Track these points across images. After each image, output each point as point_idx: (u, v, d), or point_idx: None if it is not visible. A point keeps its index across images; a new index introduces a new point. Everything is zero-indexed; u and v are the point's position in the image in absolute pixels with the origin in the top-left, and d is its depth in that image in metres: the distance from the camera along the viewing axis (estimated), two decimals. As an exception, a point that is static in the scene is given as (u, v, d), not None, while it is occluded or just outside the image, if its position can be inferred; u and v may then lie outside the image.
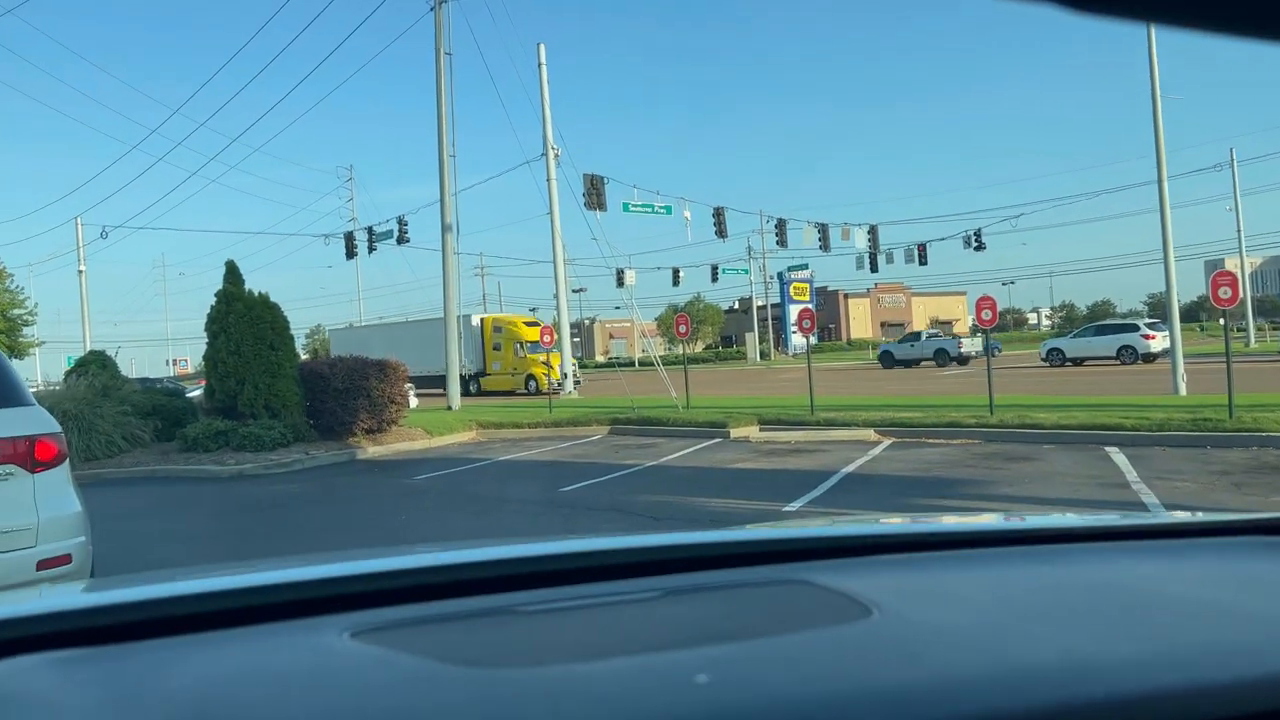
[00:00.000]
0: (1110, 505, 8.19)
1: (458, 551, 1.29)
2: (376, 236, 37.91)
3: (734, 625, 0.94)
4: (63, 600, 1.16)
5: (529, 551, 1.29)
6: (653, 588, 1.09)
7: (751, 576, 1.14)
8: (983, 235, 42.78)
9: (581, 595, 1.06)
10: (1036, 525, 1.67)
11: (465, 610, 1.00)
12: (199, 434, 15.70)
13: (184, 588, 1.11)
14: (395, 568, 1.22)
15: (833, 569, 1.17)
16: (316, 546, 8.44)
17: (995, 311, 14.84)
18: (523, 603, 1.03)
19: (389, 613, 0.99)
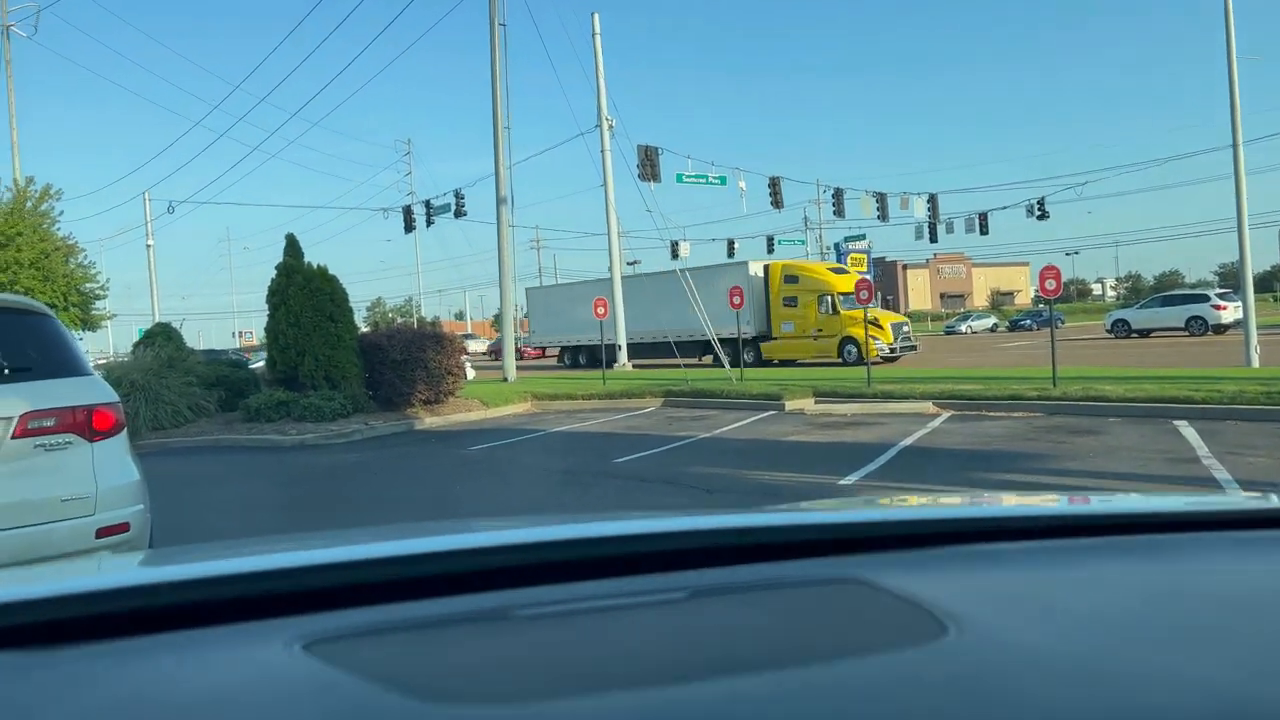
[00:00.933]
0: (1180, 482, 7.94)
1: (452, 536, 1.11)
2: (434, 210, 38.15)
3: (772, 644, 0.78)
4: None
5: (533, 537, 1.10)
6: (677, 585, 0.92)
7: (797, 573, 0.97)
8: (1046, 204, 41.69)
9: (590, 595, 0.89)
10: (1132, 509, 1.37)
11: (448, 614, 0.84)
12: (261, 404, 16.02)
13: (137, 576, 1.00)
14: (374, 556, 1.03)
15: (896, 564, 1.00)
16: (373, 516, 8.56)
17: (1060, 281, 14.45)
18: (518, 604, 0.86)
19: (356, 615, 0.83)
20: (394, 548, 1.09)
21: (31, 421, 4.47)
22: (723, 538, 1.12)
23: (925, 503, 1.78)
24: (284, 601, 0.86)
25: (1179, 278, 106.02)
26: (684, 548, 1.05)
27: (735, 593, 0.91)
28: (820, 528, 1.21)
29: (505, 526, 1.21)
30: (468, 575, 0.94)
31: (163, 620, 0.83)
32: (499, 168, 25.79)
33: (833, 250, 71.07)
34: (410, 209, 40.83)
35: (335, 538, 1.44)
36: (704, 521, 1.21)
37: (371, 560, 0.99)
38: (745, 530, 1.15)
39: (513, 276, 27.46)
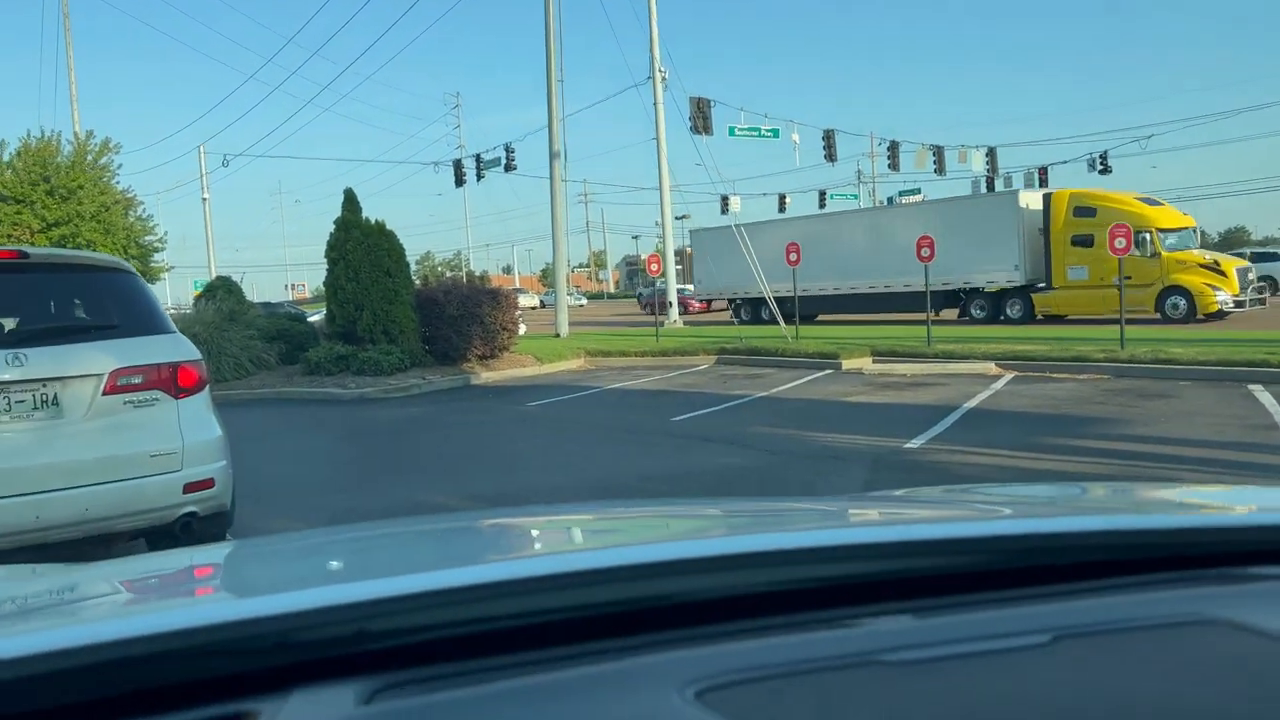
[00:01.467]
0: (1260, 450, 7.72)
1: (757, 535, 0.97)
2: (484, 164, 38.13)
3: None
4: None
5: (857, 538, 0.95)
6: (1032, 626, 0.78)
7: (1143, 608, 0.82)
8: (1109, 158, 40.52)
9: (950, 636, 0.76)
10: None
11: (815, 656, 0.72)
12: (321, 358, 16.24)
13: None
14: (693, 555, 0.88)
15: (1263, 596, 0.83)
16: (446, 472, 8.65)
17: (1130, 240, 14.02)
18: (879, 647, 0.74)
19: (735, 655, 0.72)
20: (708, 547, 0.97)
21: (121, 379, 4.55)
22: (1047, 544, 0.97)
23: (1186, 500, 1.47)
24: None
25: (1245, 235, 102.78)
26: (1054, 561, 0.91)
27: (1098, 636, 0.77)
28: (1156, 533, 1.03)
29: (732, 518, 1.07)
30: (778, 594, 0.84)
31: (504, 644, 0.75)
32: (552, 122, 25.64)
33: (886, 204, 69.94)
34: (460, 163, 40.85)
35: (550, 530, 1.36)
36: (1019, 525, 1.06)
37: (692, 560, 0.88)
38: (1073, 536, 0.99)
39: (565, 231, 27.41)
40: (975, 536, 1.01)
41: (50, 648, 0.70)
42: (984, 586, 0.89)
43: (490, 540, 1.44)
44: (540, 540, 1.41)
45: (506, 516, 1.94)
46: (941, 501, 1.62)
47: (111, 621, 0.85)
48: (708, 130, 29.51)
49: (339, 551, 1.41)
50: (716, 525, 1.38)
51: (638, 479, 7.68)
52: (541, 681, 0.71)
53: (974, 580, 0.89)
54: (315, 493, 7.76)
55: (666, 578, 0.85)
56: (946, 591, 0.87)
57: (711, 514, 1.52)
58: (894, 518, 1.25)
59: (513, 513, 2.39)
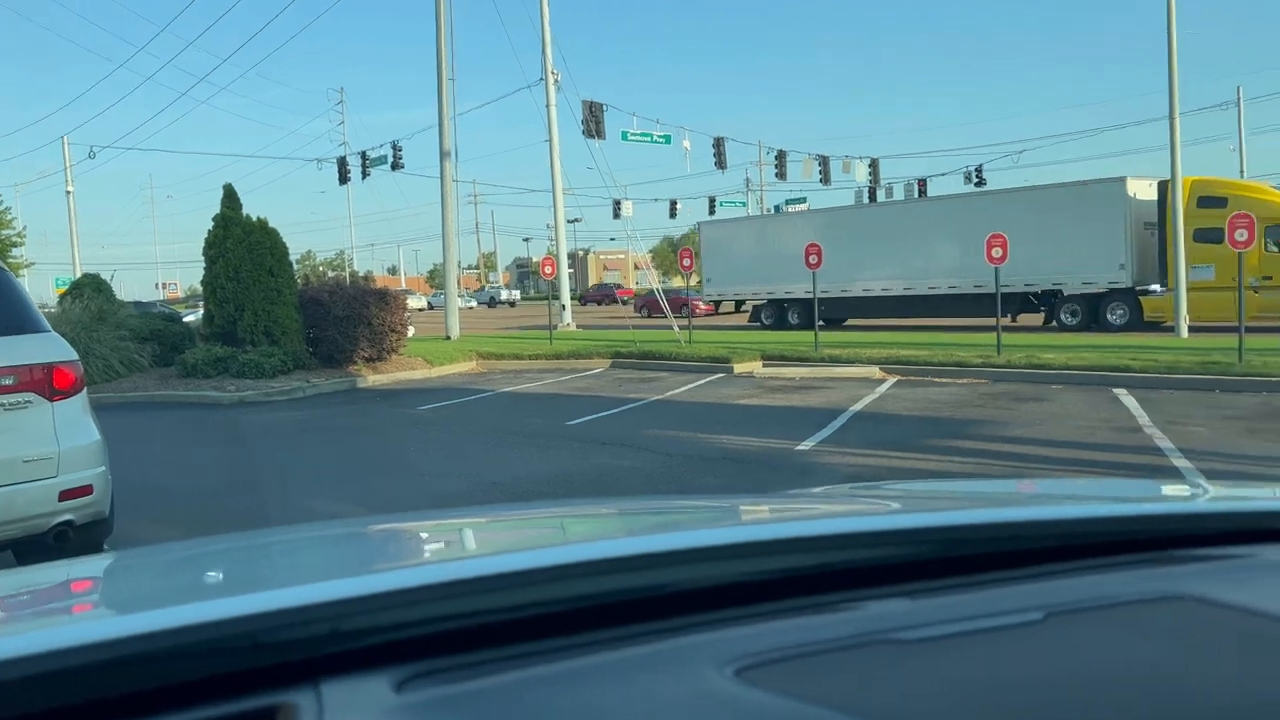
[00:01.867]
0: (1126, 450, 8.17)
1: (764, 525, 1.05)
2: (370, 162, 37.37)
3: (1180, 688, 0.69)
4: None
5: (860, 526, 1.01)
6: (1030, 603, 0.85)
7: (1121, 587, 0.90)
8: (984, 171, 42.39)
9: (952, 614, 0.82)
10: None
11: (839, 635, 0.78)
12: (199, 360, 15.58)
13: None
14: (724, 542, 0.92)
15: (1223, 575, 0.92)
16: (329, 480, 8.39)
17: (1005, 249, 14.68)
18: (892, 626, 0.79)
19: (773, 634, 0.77)
20: (730, 534, 1.01)
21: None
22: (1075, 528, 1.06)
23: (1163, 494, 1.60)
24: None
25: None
26: (1039, 545, 0.99)
27: (1087, 613, 0.84)
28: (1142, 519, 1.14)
29: (724, 511, 1.13)
30: (798, 576, 0.89)
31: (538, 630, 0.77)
32: (443, 120, 25.25)
33: (773, 213, 71.41)
34: (345, 160, 39.89)
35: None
36: (1045, 512, 1.15)
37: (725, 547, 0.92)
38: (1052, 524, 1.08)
39: (455, 231, 27.02)
40: (970, 524, 1.07)
41: (90, 640, 0.69)
42: (969, 570, 0.95)
43: (496, 534, 1.45)
44: (553, 532, 1.43)
45: (495, 512, 1.96)
46: (880, 497, 1.67)
47: (130, 617, 0.82)
48: (600, 134, 29.55)
49: (323, 546, 1.39)
50: (711, 517, 1.40)
51: (537, 483, 7.61)
52: (579, 665, 0.73)
53: (965, 565, 0.96)
54: (195, 499, 7.42)
55: (695, 564, 0.89)
56: (942, 575, 0.93)
57: (692, 507, 1.54)
58: (893, 509, 1.32)
59: (497, 509, 2.42)
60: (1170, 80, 18.03)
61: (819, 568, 0.92)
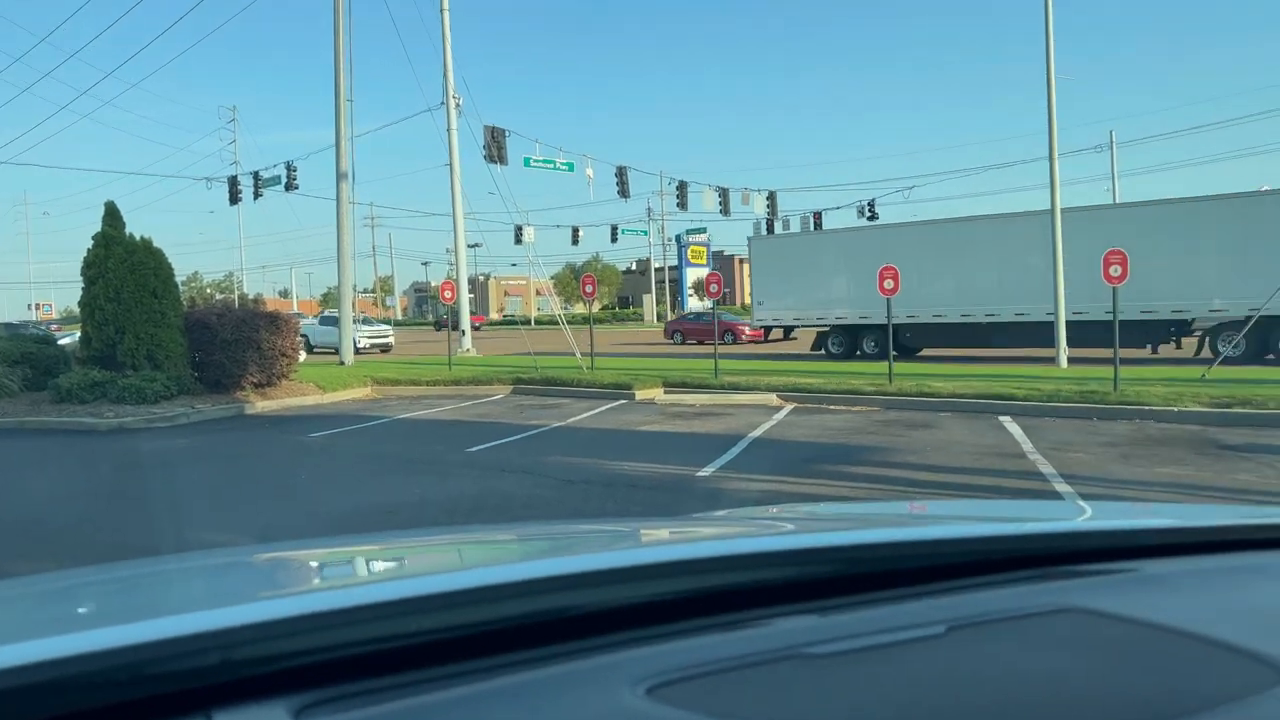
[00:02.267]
0: (1014, 477, 8.47)
1: (664, 547, 1.08)
2: (264, 182, 36.38)
3: (1066, 694, 0.72)
4: None
5: (778, 546, 1.03)
6: (932, 618, 0.88)
7: (1013, 602, 0.93)
8: (876, 205, 43.75)
9: (861, 629, 0.84)
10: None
11: (749, 652, 0.78)
12: (74, 384, 14.80)
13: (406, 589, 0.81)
14: (622, 565, 0.93)
15: (1109, 589, 0.97)
16: (214, 510, 8.04)
17: (897, 282, 15.15)
18: (804, 641, 0.80)
19: (682, 653, 0.76)
20: (627, 557, 1.00)
21: None
22: (974, 547, 1.09)
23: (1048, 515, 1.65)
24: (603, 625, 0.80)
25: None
26: (941, 562, 1.03)
27: (985, 625, 0.88)
28: (1034, 538, 1.19)
29: (630, 535, 1.11)
30: (706, 594, 0.90)
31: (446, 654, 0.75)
32: (340, 141, 24.77)
33: (674, 242, 72.25)
34: (236, 179, 38.75)
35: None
36: (947, 531, 1.20)
37: (621, 570, 0.92)
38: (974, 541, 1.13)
39: (352, 254, 26.46)
40: (875, 543, 1.10)
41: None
42: (873, 587, 0.98)
43: (395, 560, 1.40)
44: (453, 558, 1.39)
45: (393, 539, 1.90)
46: (792, 519, 1.69)
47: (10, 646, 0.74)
48: (502, 160, 29.42)
49: (214, 575, 1.31)
50: (616, 540, 1.39)
51: (436, 510, 7.44)
52: (485, 688, 0.71)
53: (866, 582, 0.99)
54: (69, 531, 7.00)
55: (603, 586, 0.88)
56: (842, 592, 0.96)
57: (596, 531, 1.52)
58: (800, 529, 1.33)
59: (395, 535, 2.37)
60: (1050, 123, 18.97)
61: (730, 587, 0.93)
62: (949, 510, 1.97)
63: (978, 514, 1.71)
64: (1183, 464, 8.76)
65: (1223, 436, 10.21)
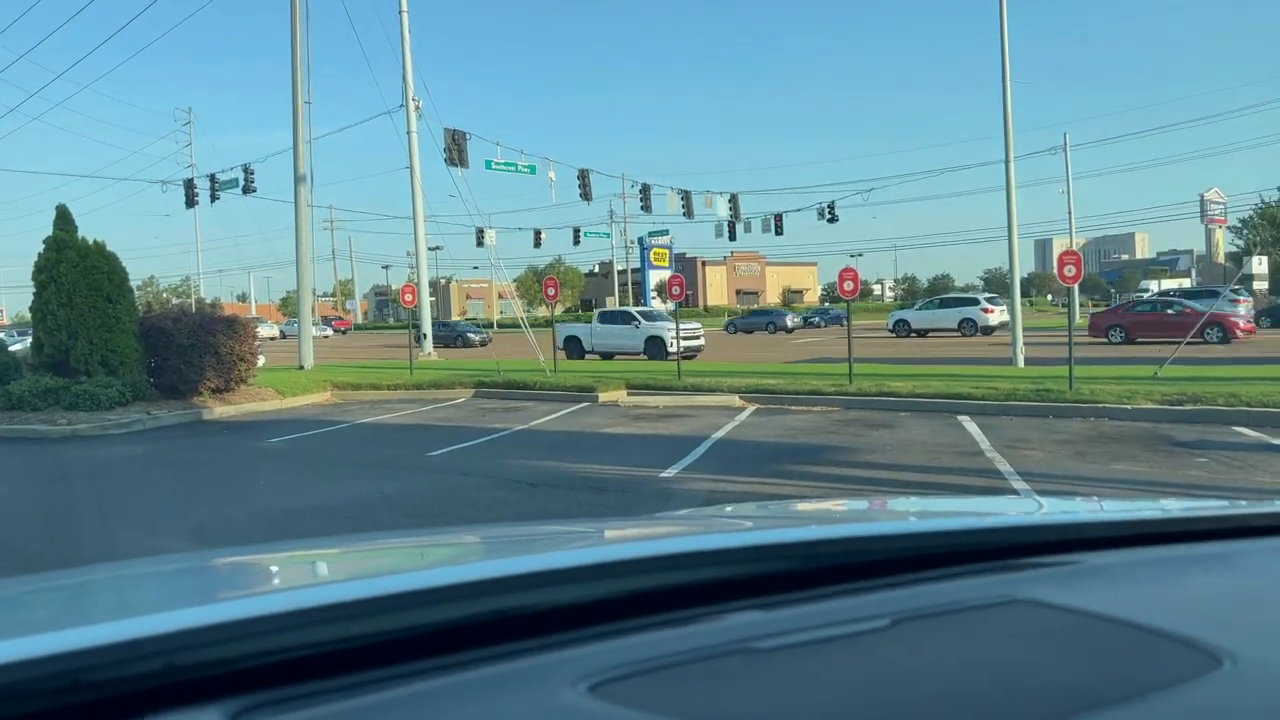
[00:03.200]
0: (971, 474, 8.59)
1: (618, 545, 1.06)
2: (220, 185, 35.84)
3: (1022, 684, 0.74)
4: None
5: (720, 544, 1.03)
6: (876, 611, 0.89)
7: (962, 593, 0.95)
8: (836, 208, 44.13)
9: (808, 623, 0.85)
10: (1213, 514, 1.35)
11: (698, 647, 0.79)
12: (25, 391, 14.49)
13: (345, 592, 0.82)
14: (581, 563, 0.93)
15: (1053, 581, 0.99)
16: (168, 517, 7.92)
17: (857, 283, 15.30)
18: (750, 635, 0.81)
19: (628, 649, 0.77)
20: (590, 555, 1.00)
21: None
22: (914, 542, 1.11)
23: (981, 510, 1.71)
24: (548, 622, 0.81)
25: (950, 281, 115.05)
26: (886, 557, 1.04)
27: (931, 618, 0.89)
28: (964, 534, 1.21)
29: (590, 535, 1.15)
30: (663, 591, 0.91)
31: (391, 654, 0.75)
32: (298, 144, 24.51)
33: (637, 244, 72.31)
34: (192, 182, 38.17)
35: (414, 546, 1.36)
36: (892, 526, 1.22)
37: (581, 569, 0.92)
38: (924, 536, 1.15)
39: (310, 257, 26.19)
40: (820, 539, 1.11)
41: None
42: (825, 582, 0.99)
43: (343, 563, 1.39)
44: (402, 559, 1.38)
45: (345, 543, 1.89)
46: (750, 516, 1.70)
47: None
48: (463, 163, 29.27)
49: (156, 580, 1.29)
50: (567, 539, 1.40)
51: (395, 515, 7.39)
52: (427, 688, 0.71)
53: (818, 577, 1.00)
54: (15, 540, 6.87)
55: (546, 586, 0.88)
56: (794, 588, 0.97)
57: (549, 531, 1.53)
58: (753, 526, 1.34)
59: (349, 539, 2.36)
60: (1005, 127, 19.26)
61: (674, 585, 0.93)
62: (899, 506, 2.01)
63: (927, 509, 1.74)
64: (1136, 460, 8.93)
65: (1174, 433, 10.43)
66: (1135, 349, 24.82)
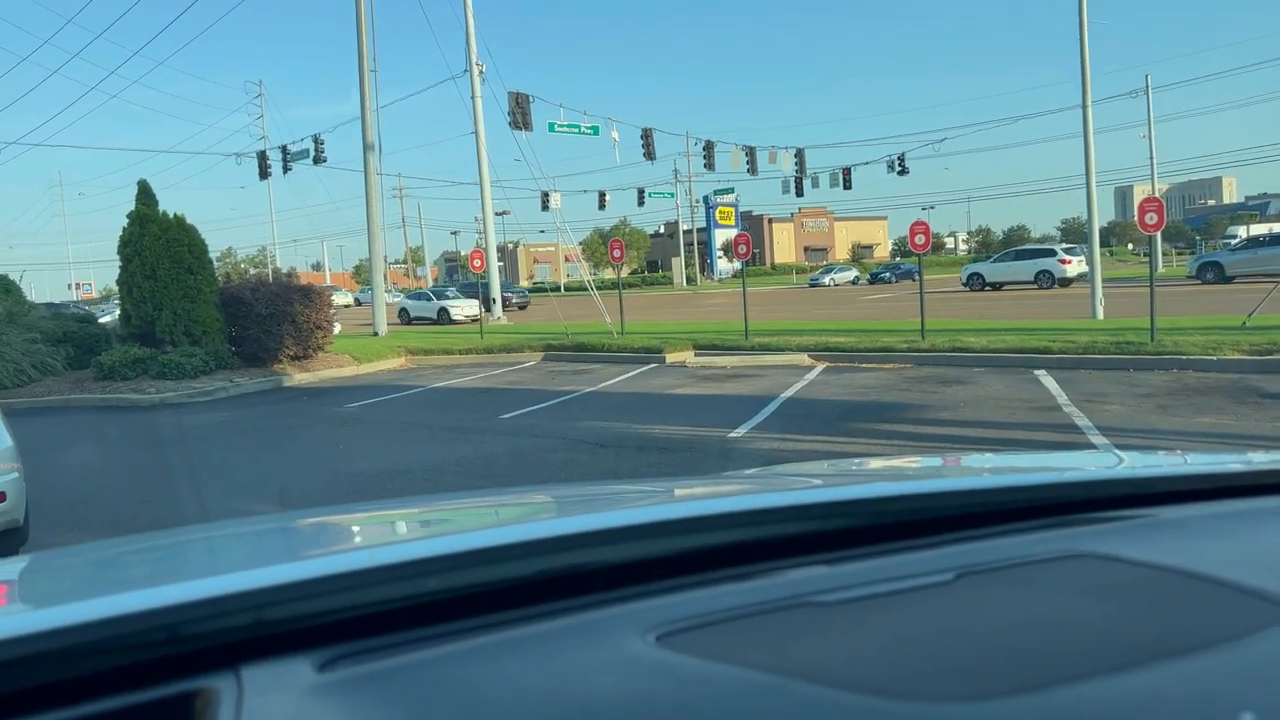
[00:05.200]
0: (1048, 429, 8.42)
1: (681, 504, 1.07)
2: (291, 156, 36.53)
3: (1085, 637, 0.73)
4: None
5: (794, 500, 1.05)
6: (941, 565, 0.89)
7: (1027, 548, 0.95)
8: (906, 160, 43.14)
9: (868, 578, 0.87)
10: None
11: (759, 601, 0.80)
12: (115, 362, 15.08)
13: (436, 547, 0.86)
14: (648, 520, 0.96)
15: (1122, 535, 0.98)
16: (254, 481, 8.21)
17: (929, 236, 15.00)
18: (813, 590, 0.83)
19: (694, 602, 0.80)
20: (661, 512, 1.03)
21: None
22: (985, 498, 1.11)
23: (1053, 465, 1.65)
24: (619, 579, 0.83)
25: (1025, 233, 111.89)
26: (950, 513, 1.05)
27: (995, 572, 0.88)
28: (1050, 487, 1.20)
29: (656, 494, 1.16)
30: (723, 549, 0.93)
31: (465, 608, 0.79)
32: (365, 113, 24.81)
33: (702, 204, 71.85)
34: (265, 154, 38.99)
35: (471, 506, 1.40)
36: (957, 483, 1.21)
37: (648, 525, 0.95)
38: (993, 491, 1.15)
39: (381, 226, 26.60)
40: (883, 496, 1.11)
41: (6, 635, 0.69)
42: (890, 539, 1.00)
43: (420, 521, 1.45)
44: (477, 517, 1.43)
45: (422, 503, 1.98)
46: (814, 474, 1.71)
47: (45, 611, 0.81)
48: (527, 126, 29.34)
49: (245, 540, 1.36)
50: (634, 498, 1.42)
51: (469, 477, 7.55)
52: (501, 638, 0.75)
53: (882, 534, 1.00)
54: (115, 504, 7.19)
55: (614, 543, 0.91)
56: (858, 545, 0.98)
57: (617, 490, 1.56)
58: (819, 484, 1.35)
59: (425, 499, 2.46)
60: (1083, 69, 18.56)
61: (739, 542, 0.94)
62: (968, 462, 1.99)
63: (995, 466, 1.72)
64: (1222, 413, 8.65)
65: (1264, 384, 10.06)
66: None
